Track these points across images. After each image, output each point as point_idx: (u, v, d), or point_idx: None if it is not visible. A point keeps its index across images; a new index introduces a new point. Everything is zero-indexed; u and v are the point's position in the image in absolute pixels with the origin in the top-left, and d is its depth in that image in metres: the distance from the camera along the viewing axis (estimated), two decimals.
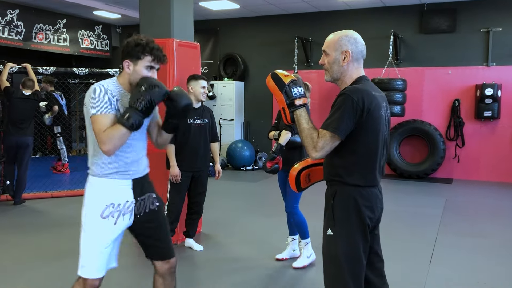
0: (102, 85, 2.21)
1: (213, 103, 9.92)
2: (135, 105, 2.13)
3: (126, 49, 2.26)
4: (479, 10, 8.16)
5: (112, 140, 2.12)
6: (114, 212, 2.26)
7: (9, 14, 8.85)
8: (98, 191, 2.28)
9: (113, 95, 2.21)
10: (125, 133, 2.13)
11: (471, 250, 4.53)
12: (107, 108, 2.17)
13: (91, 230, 2.26)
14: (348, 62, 2.18)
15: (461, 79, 8.31)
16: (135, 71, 2.24)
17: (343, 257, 2.13)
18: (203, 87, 4.23)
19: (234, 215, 5.89)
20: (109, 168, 2.26)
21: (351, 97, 2.06)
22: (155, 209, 2.42)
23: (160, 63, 2.28)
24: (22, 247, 4.57)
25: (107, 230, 2.26)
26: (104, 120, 2.15)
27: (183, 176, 4.19)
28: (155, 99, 2.16)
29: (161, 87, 2.19)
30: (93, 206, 2.27)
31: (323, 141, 2.06)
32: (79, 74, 6.99)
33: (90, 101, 2.19)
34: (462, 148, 8.32)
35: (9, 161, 6.33)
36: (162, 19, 4.64)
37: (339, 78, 2.22)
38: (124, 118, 2.12)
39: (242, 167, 9.27)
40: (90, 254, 2.27)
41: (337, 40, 2.19)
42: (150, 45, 2.23)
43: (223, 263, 4.15)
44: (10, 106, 6.18)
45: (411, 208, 6.25)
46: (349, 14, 9.04)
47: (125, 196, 2.30)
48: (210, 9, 9.09)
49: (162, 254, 2.45)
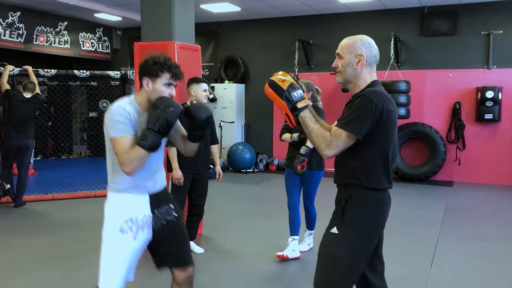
0: (119, 107, 2.25)
1: (214, 106, 9.92)
2: (152, 126, 2.18)
3: (144, 67, 2.31)
4: (480, 13, 8.17)
5: (133, 161, 2.19)
6: (132, 227, 2.30)
7: (11, 16, 8.87)
8: (116, 206, 2.33)
9: (131, 116, 2.25)
10: (145, 155, 2.19)
11: (472, 253, 4.53)
12: (125, 130, 2.22)
13: (110, 244, 2.30)
14: (362, 66, 2.19)
15: (462, 81, 8.31)
16: (154, 89, 2.28)
17: (342, 260, 2.11)
18: (205, 90, 4.25)
19: (235, 217, 5.89)
20: (127, 182, 2.31)
21: (371, 99, 2.08)
22: (173, 220, 2.45)
23: (178, 80, 2.34)
24: (23, 249, 4.56)
25: (126, 244, 2.30)
26: (124, 142, 2.20)
27: (184, 179, 4.20)
28: (171, 119, 2.20)
29: (176, 107, 2.23)
30: (112, 222, 2.31)
31: (338, 139, 2.07)
32: (80, 77, 7.00)
33: (109, 122, 2.24)
34: (463, 150, 8.31)
35: (8, 164, 6.33)
36: (163, 22, 4.65)
37: (351, 81, 2.24)
38: (142, 140, 2.18)
39: (243, 169, 9.27)
40: (109, 268, 2.31)
41: (352, 44, 2.21)
42: (168, 62, 2.28)
43: (224, 265, 4.15)
44: (10, 109, 6.19)
45: (412, 211, 6.24)
46: (350, 17, 9.05)
47: (143, 210, 2.34)
48: (211, 11, 9.10)
49: (179, 260, 2.47)
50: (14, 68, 6.41)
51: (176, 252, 2.46)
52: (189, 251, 2.55)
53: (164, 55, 2.32)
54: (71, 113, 11.28)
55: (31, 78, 6.41)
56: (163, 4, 4.65)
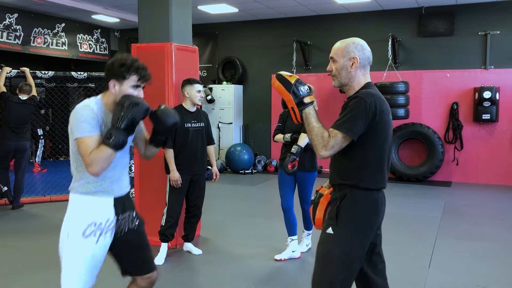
0: (86, 106, 2.21)
1: (212, 107, 9.92)
2: (117, 124, 2.14)
3: (111, 69, 2.27)
4: (477, 13, 8.18)
5: (99, 162, 2.13)
6: (96, 231, 2.25)
7: (8, 18, 8.85)
8: (79, 209, 2.27)
9: (97, 116, 2.21)
10: (111, 154, 2.14)
11: (470, 253, 4.53)
12: (91, 130, 2.17)
13: (72, 249, 2.25)
14: (356, 68, 2.22)
15: (460, 82, 8.33)
16: (121, 91, 2.25)
17: (338, 258, 2.14)
18: (199, 91, 4.24)
19: (233, 218, 5.88)
20: (91, 186, 2.26)
21: (364, 100, 2.11)
22: (135, 228, 2.41)
23: (145, 82, 2.29)
24: (20, 252, 4.55)
25: (89, 248, 2.25)
26: (89, 143, 2.15)
27: (182, 180, 4.19)
28: (136, 117, 2.17)
29: (142, 104, 2.19)
30: (74, 225, 2.26)
31: (334, 140, 2.10)
32: (78, 78, 6.99)
33: (74, 122, 2.19)
34: (461, 151, 8.32)
35: (5, 166, 6.32)
36: (160, 23, 4.64)
37: (347, 84, 2.27)
38: (108, 138, 2.13)
39: (241, 170, 9.27)
40: (71, 273, 2.26)
41: (345, 47, 2.24)
42: (135, 64, 2.25)
43: (222, 266, 4.14)
44: (6, 111, 6.18)
45: (410, 211, 6.25)
46: (347, 18, 9.07)
47: (106, 214, 2.29)
48: (208, 12, 9.10)
49: (142, 270, 2.43)
50: (11, 70, 6.40)
51: (139, 263, 2.42)
52: (151, 258, 2.49)
53: (132, 57, 2.29)
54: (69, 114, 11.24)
55: (28, 80, 6.40)
56: (160, 5, 4.64)
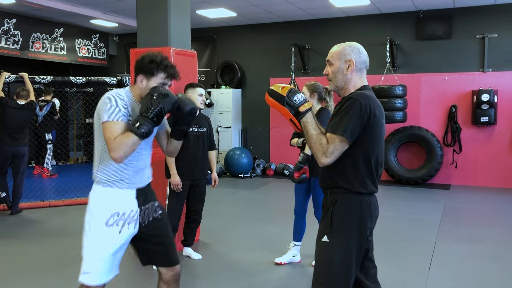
0: (116, 93, 2.25)
1: (211, 111, 9.92)
2: (145, 113, 2.17)
3: (140, 64, 2.30)
4: (475, 17, 8.21)
5: (123, 147, 2.14)
6: (119, 221, 2.28)
7: (6, 23, 8.86)
8: (103, 199, 2.30)
9: (126, 104, 2.24)
10: (136, 141, 2.16)
11: (470, 256, 4.53)
12: (119, 115, 2.20)
13: (95, 237, 2.28)
14: (352, 71, 2.21)
15: (458, 85, 8.35)
16: (148, 87, 2.28)
17: (336, 265, 2.13)
18: (201, 95, 4.23)
19: (233, 222, 5.87)
20: (115, 176, 2.28)
21: (359, 101, 2.09)
22: (158, 217, 2.44)
23: (174, 79, 2.34)
24: (19, 257, 4.54)
25: (112, 238, 2.28)
26: (115, 127, 2.17)
27: (182, 185, 4.18)
28: (165, 107, 2.19)
29: (171, 96, 2.22)
30: (98, 214, 2.28)
31: (333, 146, 2.08)
32: (76, 83, 6.99)
33: (103, 107, 2.21)
34: (460, 154, 8.33)
35: (3, 172, 6.30)
36: (159, 28, 4.66)
37: (343, 87, 2.25)
38: (135, 126, 2.15)
39: (240, 174, 9.26)
40: (93, 261, 2.28)
41: (341, 50, 2.24)
42: (164, 62, 2.28)
43: (222, 271, 4.13)
44: (4, 116, 6.18)
45: (409, 214, 6.24)
46: (345, 21, 9.09)
47: (130, 205, 2.32)
48: (207, 17, 9.12)
49: (167, 260, 2.45)
50: (10, 75, 6.40)
51: (163, 251, 2.45)
52: (175, 248, 2.52)
53: (162, 54, 2.31)
54: (67, 119, 11.26)
55: (26, 85, 6.39)
56: (159, 10, 4.65)
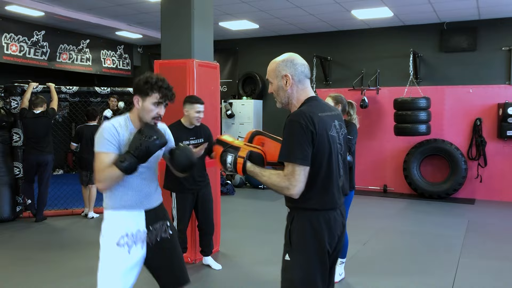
0: (111, 125, 2.34)
1: (232, 122, 9.98)
2: (132, 150, 2.26)
3: (136, 86, 2.38)
4: (500, 29, 8.08)
5: (107, 180, 2.27)
6: (128, 241, 2.34)
7: (35, 35, 9.12)
8: (113, 223, 2.37)
9: (120, 136, 2.33)
10: (119, 175, 2.27)
11: (495, 273, 4.40)
12: (109, 147, 2.29)
13: (107, 258, 2.34)
14: (291, 86, 2.16)
15: (483, 97, 8.20)
16: (143, 107, 2.36)
17: (298, 283, 2.06)
18: (198, 112, 4.13)
19: (252, 234, 5.86)
20: (121, 200, 2.36)
21: (299, 122, 2.00)
22: (168, 237, 2.48)
23: (168, 101, 2.39)
24: (42, 264, 4.61)
25: (122, 258, 2.33)
26: (104, 159, 2.28)
27: (183, 198, 4.17)
28: (152, 149, 2.28)
29: (161, 138, 2.31)
30: (109, 237, 2.36)
31: (295, 175, 1.97)
32: (101, 93, 7.13)
33: (97, 137, 2.33)
34: (485, 167, 8.15)
35: (29, 180, 6.44)
36: (183, 40, 4.72)
37: (287, 103, 2.20)
38: (120, 161, 2.24)
39: (260, 185, 9.25)
40: (107, 283, 2.33)
41: (275, 67, 2.20)
42: (159, 83, 2.34)
43: (241, 282, 4.12)
44: (24, 127, 6.35)
45: (432, 229, 6.12)
46: (368, 33, 9.06)
47: (138, 225, 2.39)
48: (229, 29, 9.22)
49: (176, 281, 2.50)
50: (37, 85, 6.57)
51: (172, 274, 2.48)
52: (185, 268, 2.55)
53: (158, 76, 2.38)
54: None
55: (52, 95, 6.55)
56: (183, 22, 4.72)
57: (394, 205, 7.72)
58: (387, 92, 8.79)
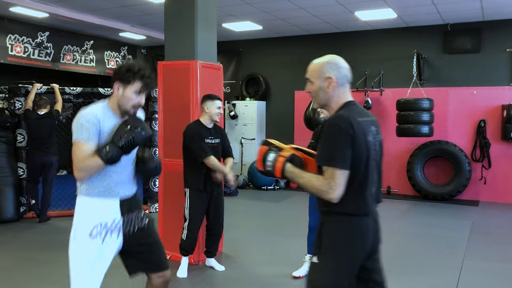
0: (90, 112, 2.26)
1: (235, 123, 9.98)
2: (116, 141, 2.19)
3: (117, 72, 2.32)
4: (504, 30, 8.06)
5: (87, 169, 2.20)
6: (101, 231, 2.30)
7: (40, 36, 9.16)
8: (86, 211, 2.32)
9: (100, 123, 2.25)
10: (100, 165, 2.20)
11: (499, 276, 4.38)
12: (89, 137, 2.21)
13: (79, 250, 2.30)
14: (334, 88, 2.15)
15: (487, 99, 8.18)
16: (124, 95, 2.30)
17: (324, 286, 2.06)
18: (219, 108, 4.20)
19: (255, 235, 5.86)
20: (96, 187, 2.31)
21: (339, 126, 2.01)
22: (145, 227, 2.46)
23: (149, 90, 2.35)
24: (46, 265, 4.63)
25: (96, 249, 2.29)
26: (84, 148, 2.21)
27: (199, 197, 4.19)
28: (137, 140, 2.21)
29: (146, 130, 2.24)
30: (82, 227, 2.31)
31: (335, 179, 1.97)
32: (105, 94, 7.15)
33: (76, 125, 2.25)
34: (489, 169, 8.13)
35: (34, 180, 6.46)
36: (186, 41, 4.73)
37: (326, 104, 2.20)
38: (103, 151, 2.18)
39: (264, 186, 9.25)
40: (81, 276, 2.30)
41: (319, 68, 2.19)
42: (141, 72, 2.29)
43: (244, 283, 4.12)
44: (28, 128, 6.37)
45: (436, 230, 6.11)
46: (371, 35, 9.05)
47: (113, 214, 2.34)
48: (233, 30, 9.22)
49: (157, 266, 2.49)
50: (41, 86, 6.59)
51: (153, 259, 2.47)
52: (164, 254, 2.55)
53: (140, 64, 2.34)
54: None
55: (56, 96, 6.56)
56: (186, 24, 4.73)
57: (398, 207, 7.70)
58: (390, 93, 8.77)
